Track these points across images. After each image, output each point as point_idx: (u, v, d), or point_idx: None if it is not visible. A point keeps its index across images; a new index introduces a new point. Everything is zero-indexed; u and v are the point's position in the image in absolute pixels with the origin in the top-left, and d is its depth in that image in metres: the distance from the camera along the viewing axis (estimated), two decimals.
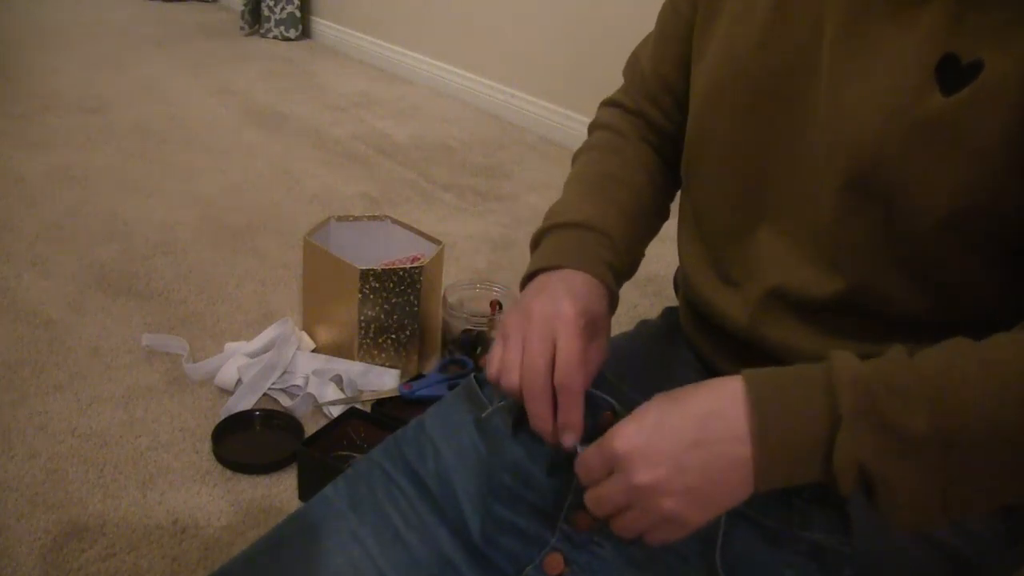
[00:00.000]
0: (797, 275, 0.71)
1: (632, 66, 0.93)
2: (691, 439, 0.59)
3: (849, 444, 0.56)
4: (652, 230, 0.88)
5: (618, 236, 0.80)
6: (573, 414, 0.67)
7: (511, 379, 0.69)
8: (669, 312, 0.95)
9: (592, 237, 0.79)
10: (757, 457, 0.58)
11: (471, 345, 1.56)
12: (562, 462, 0.71)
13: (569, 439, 0.68)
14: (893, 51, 0.62)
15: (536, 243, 0.82)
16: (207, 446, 1.36)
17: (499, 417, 0.77)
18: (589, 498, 0.64)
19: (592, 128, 0.95)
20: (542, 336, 0.68)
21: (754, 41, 0.72)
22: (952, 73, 0.59)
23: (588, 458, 0.64)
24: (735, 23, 0.74)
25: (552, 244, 0.79)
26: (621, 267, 0.80)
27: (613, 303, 0.78)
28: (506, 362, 0.69)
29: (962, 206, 0.61)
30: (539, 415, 0.68)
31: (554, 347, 0.68)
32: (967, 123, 0.58)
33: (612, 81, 0.98)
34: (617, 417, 0.69)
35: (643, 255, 0.86)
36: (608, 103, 0.96)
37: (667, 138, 0.89)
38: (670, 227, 0.91)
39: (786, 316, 0.72)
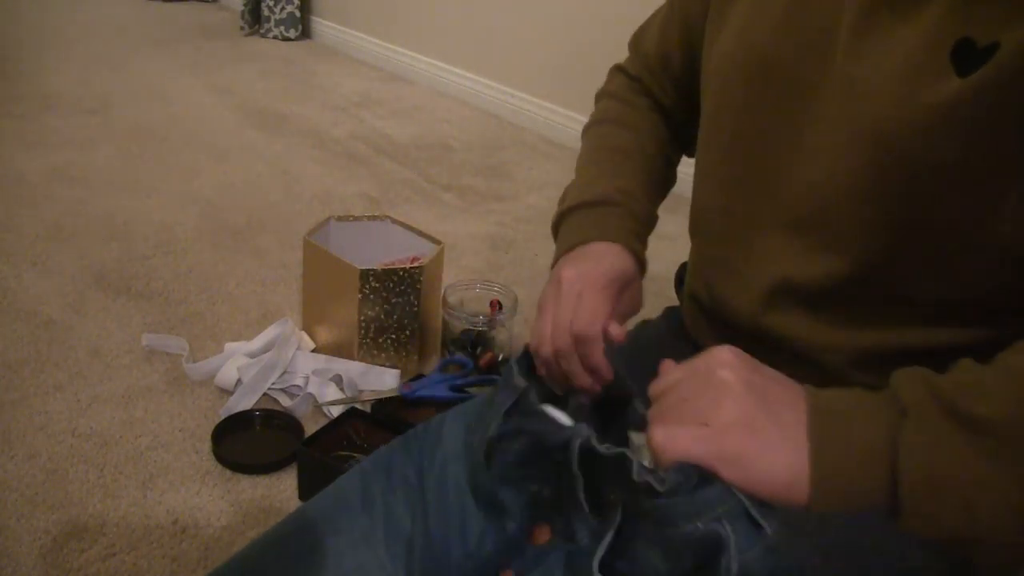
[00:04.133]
0: (804, 264, 0.70)
1: (637, 41, 0.98)
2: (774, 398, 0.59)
3: (914, 436, 0.54)
4: (663, 196, 0.94)
5: (638, 208, 0.86)
6: (594, 358, 0.72)
7: (544, 348, 0.74)
8: (670, 312, 0.94)
9: (614, 211, 0.84)
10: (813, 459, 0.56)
11: (471, 345, 1.55)
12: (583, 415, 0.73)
13: (595, 380, 0.72)
14: (907, 37, 0.62)
15: (557, 225, 0.87)
16: (207, 446, 1.36)
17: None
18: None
19: (600, 96, 0.99)
20: (568, 298, 0.74)
21: (771, 26, 0.72)
22: (967, 56, 0.59)
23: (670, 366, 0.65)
24: (752, 8, 0.75)
25: (575, 223, 0.85)
26: (643, 234, 0.86)
27: (642, 265, 0.83)
28: (538, 331, 0.76)
29: (988, 187, 0.60)
30: (574, 372, 0.73)
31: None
32: (986, 103, 0.58)
33: None
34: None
35: (657, 218, 0.91)
36: (617, 68, 1.00)
37: (667, 111, 0.94)
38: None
39: (794, 307, 0.72)
